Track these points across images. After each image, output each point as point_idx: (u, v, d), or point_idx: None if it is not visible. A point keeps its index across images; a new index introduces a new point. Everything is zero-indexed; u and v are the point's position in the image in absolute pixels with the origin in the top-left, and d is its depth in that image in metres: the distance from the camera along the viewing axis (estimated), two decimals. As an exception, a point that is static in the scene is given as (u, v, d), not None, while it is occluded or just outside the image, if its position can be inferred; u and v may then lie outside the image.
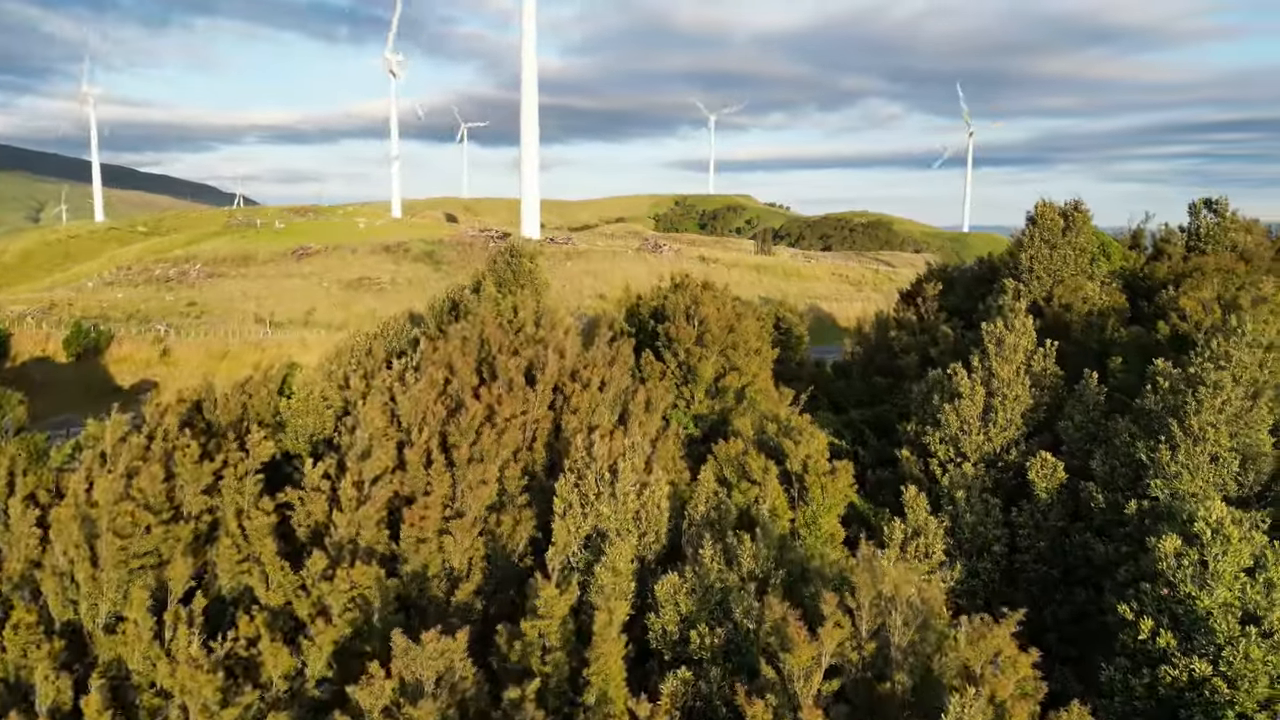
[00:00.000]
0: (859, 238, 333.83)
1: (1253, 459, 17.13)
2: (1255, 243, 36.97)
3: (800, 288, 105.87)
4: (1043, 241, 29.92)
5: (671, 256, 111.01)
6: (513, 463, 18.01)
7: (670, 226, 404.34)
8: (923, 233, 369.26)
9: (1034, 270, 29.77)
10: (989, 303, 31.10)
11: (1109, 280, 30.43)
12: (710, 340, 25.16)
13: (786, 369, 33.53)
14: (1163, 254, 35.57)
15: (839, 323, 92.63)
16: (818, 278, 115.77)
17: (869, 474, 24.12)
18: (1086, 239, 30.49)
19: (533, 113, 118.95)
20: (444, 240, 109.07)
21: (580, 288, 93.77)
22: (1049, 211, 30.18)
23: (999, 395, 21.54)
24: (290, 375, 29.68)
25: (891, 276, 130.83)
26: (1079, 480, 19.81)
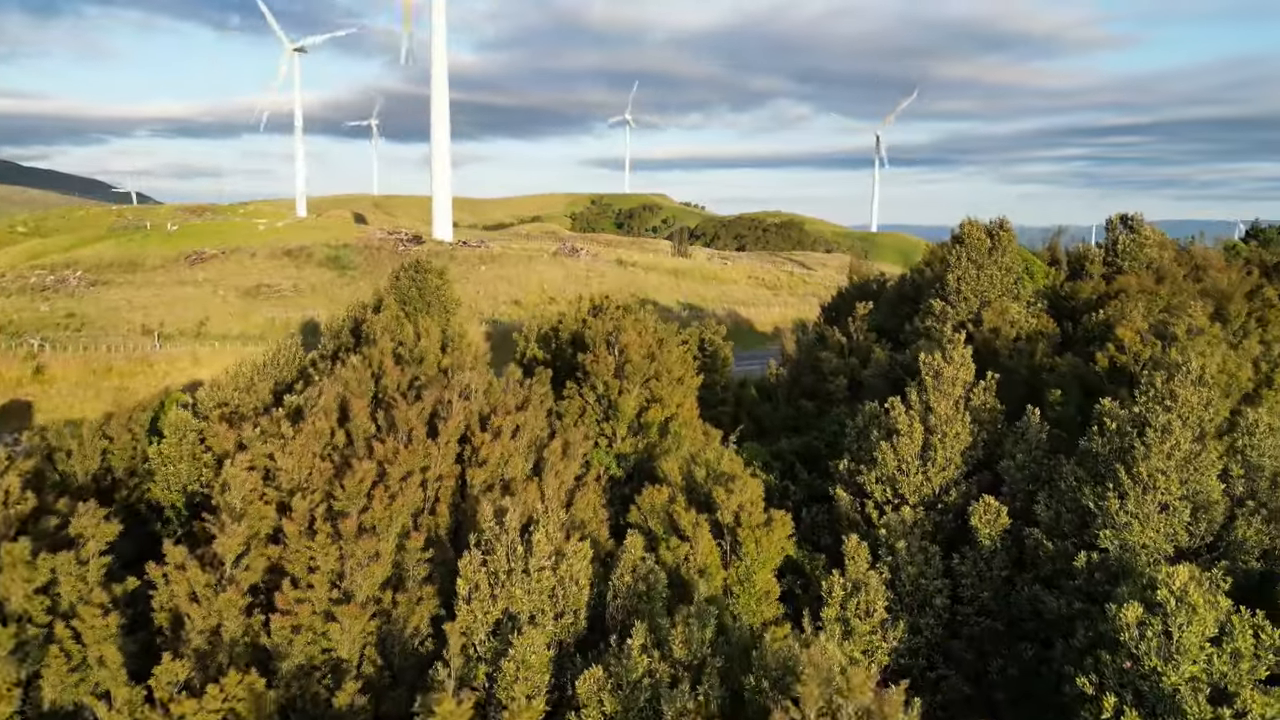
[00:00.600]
0: (772, 238, 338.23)
1: (1204, 507, 16.28)
2: (1169, 258, 37.28)
3: (718, 292, 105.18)
4: (970, 261, 29.17)
5: (589, 260, 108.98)
6: (413, 530, 15.84)
7: (587, 226, 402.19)
8: (833, 232, 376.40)
9: (961, 291, 28.99)
10: (916, 324, 30.22)
11: (1035, 300, 29.90)
12: (632, 371, 23.37)
13: (711, 393, 32.02)
14: (1083, 271, 35.45)
15: (757, 327, 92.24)
16: (735, 281, 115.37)
17: (802, 513, 22.71)
18: (1012, 258, 29.89)
19: (443, 112, 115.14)
20: (351, 244, 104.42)
21: (494, 293, 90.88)
22: (975, 231, 29.45)
23: (938, 433, 20.37)
24: (164, 411, 26.55)
25: (806, 279, 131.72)
26: (1023, 524, 18.76)
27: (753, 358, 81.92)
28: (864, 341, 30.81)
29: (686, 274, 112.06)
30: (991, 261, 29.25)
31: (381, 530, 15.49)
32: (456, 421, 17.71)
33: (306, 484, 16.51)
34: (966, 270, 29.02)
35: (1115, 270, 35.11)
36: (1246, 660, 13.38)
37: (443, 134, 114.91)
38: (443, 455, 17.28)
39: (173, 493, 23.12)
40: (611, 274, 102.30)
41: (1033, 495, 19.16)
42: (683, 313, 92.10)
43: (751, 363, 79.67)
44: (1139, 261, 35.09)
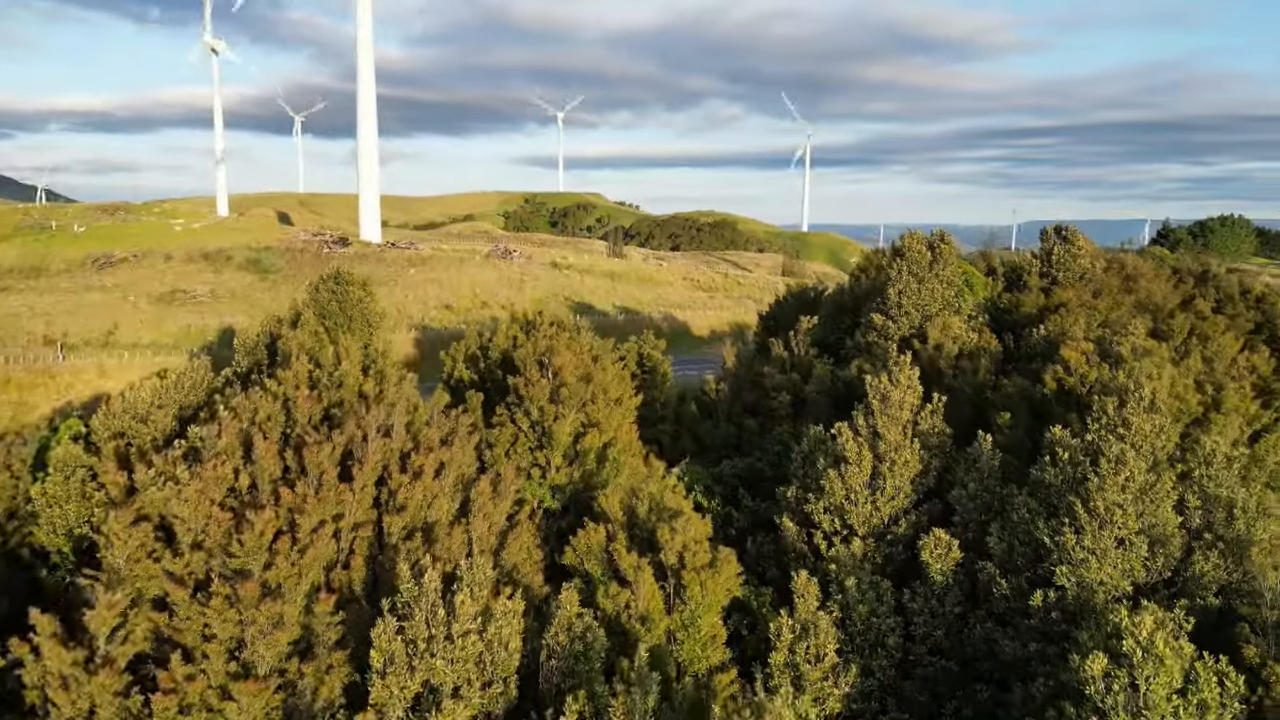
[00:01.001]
0: (706, 237, 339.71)
1: (1161, 542, 15.73)
2: (1101, 269, 37.49)
3: (654, 295, 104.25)
4: (910, 275, 28.60)
5: (522, 262, 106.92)
6: (323, 590, 14.26)
7: (520, 225, 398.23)
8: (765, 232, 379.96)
9: (902, 305, 28.40)
10: (858, 338, 29.56)
11: (975, 314, 29.51)
12: (567, 396, 22.03)
13: (650, 410, 30.89)
14: (1020, 281, 35.34)
15: (693, 331, 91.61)
16: (670, 284, 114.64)
17: (747, 543, 21.72)
18: (952, 271, 29.45)
19: (370, 108, 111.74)
20: (273, 246, 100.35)
21: (424, 297, 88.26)
22: (915, 243, 28.91)
23: (887, 460, 19.57)
24: (54, 442, 24.15)
25: (740, 281, 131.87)
26: (975, 557, 18.04)
27: (690, 362, 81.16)
28: (806, 356, 30.03)
29: (622, 276, 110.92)
30: (932, 275, 28.74)
31: (288, 590, 13.88)
32: (373, 463, 16.14)
33: (203, 536, 14.77)
34: (908, 284, 28.45)
35: (1051, 281, 35.09)
36: (1213, 711, 12.77)
37: (369, 131, 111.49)
38: (358, 501, 15.71)
39: (59, 536, 20.95)
40: (546, 277, 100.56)
41: (985, 526, 18.48)
42: (619, 317, 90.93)
43: (689, 368, 78.82)
44: (1073, 272, 35.15)
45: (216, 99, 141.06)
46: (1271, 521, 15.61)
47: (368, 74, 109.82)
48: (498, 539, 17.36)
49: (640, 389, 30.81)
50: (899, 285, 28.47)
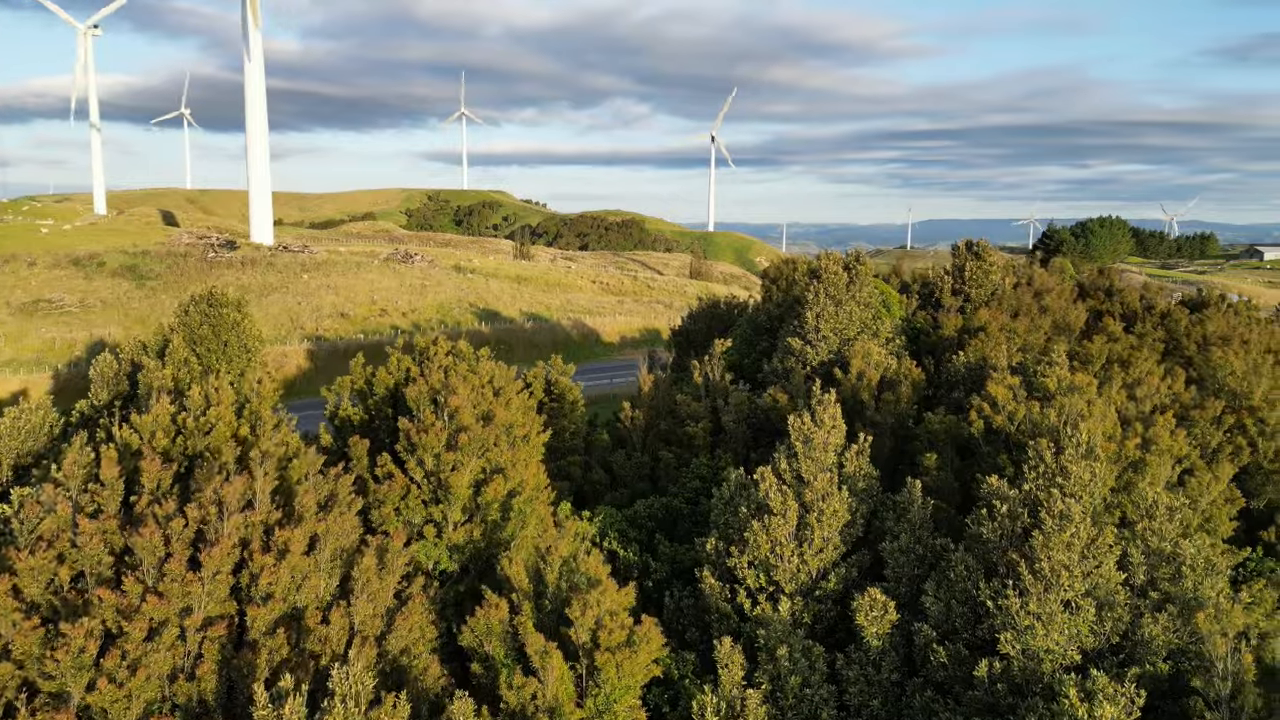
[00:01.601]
0: (615, 237, 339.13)
1: (1108, 604, 14.71)
2: (1011, 284, 37.36)
3: (563, 300, 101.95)
4: (828, 298, 27.44)
5: (424, 266, 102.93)
6: (158, 714, 11.80)
7: (424, 223, 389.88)
8: (673, 231, 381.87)
9: (820, 330, 27.22)
10: (775, 363, 28.25)
11: (894, 336, 28.58)
12: (466, 442, 19.82)
13: (560, 440, 28.89)
14: (934, 299, 34.80)
15: (604, 338, 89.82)
16: (579, 288, 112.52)
17: (665, 598, 20.00)
18: (869, 292, 28.45)
19: (259, 101, 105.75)
20: (152, 250, 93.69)
21: (319, 305, 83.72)
22: (832, 265, 27.77)
23: (814, 510, 18.13)
24: None
25: (650, 285, 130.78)
26: (910, 617, 16.77)
27: (602, 371, 79.33)
28: (722, 382, 28.55)
29: (529, 280, 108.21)
30: (849, 297, 27.67)
31: (115, 717, 11.38)
32: (225, 547, 13.66)
33: (13, 646, 12.10)
34: (825, 307, 27.28)
35: (965, 299, 34.68)
36: (1178, 806, 11.65)
37: (259, 126, 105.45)
38: (209, 592, 13.24)
39: None
40: (449, 282, 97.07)
41: (918, 581, 17.24)
42: (526, 324, 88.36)
43: (600, 377, 77.02)
44: (985, 289, 34.83)
45: (91, 87, 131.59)
46: (1219, 577, 14.78)
47: (256, 65, 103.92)
48: (384, 621, 15.13)
49: (549, 420, 28.79)
50: (816, 308, 27.28)
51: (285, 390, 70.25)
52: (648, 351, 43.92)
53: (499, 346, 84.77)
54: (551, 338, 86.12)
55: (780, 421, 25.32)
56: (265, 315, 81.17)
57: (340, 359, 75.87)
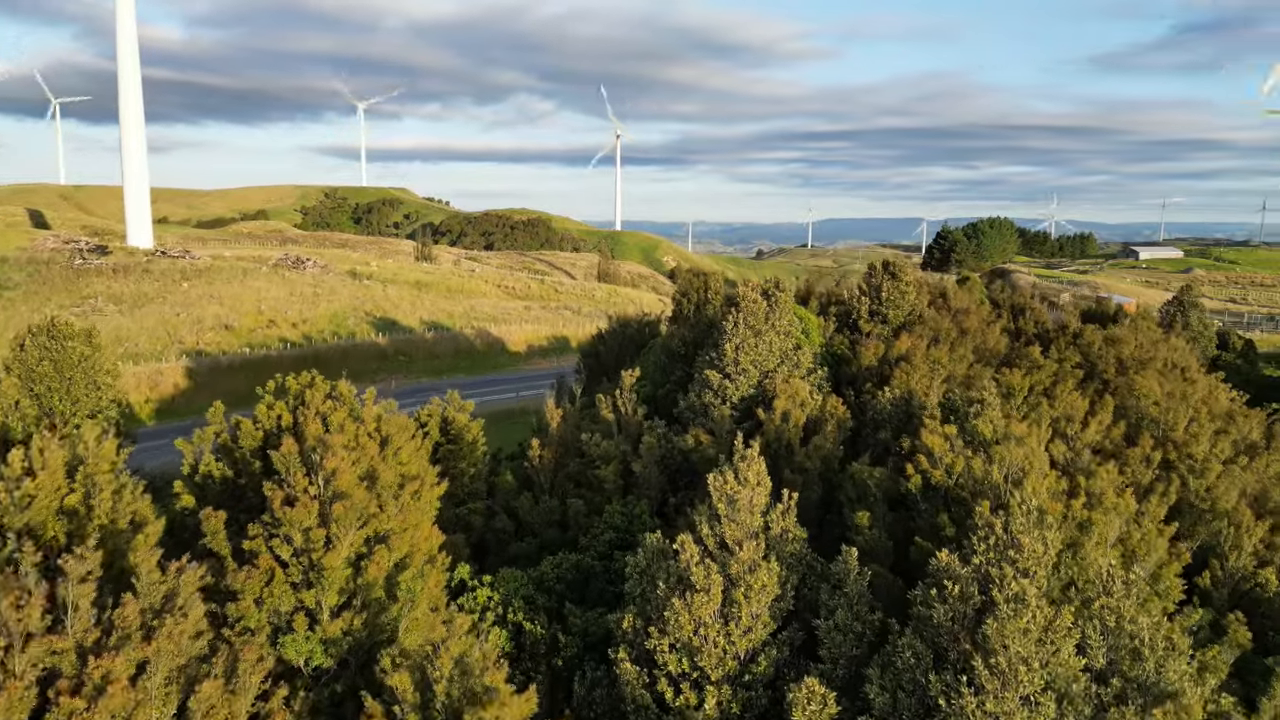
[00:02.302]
0: (520, 235, 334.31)
1: (1069, 697, 13.27)
2: (925, 301, 36.60)
3: (466, 307, 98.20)
4: (747, 328, 25.72)
5: (317, 272, 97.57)
6: None
7: (320, 222, 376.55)
8: (580, 230, 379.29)
9: (739, 362, 25.47)
10: (691, 398, 26.37)
11: (816, 366, 27.09)
12: (342, 514, 17.15)
13: (460, 487, 26.31)
14: (853, 321, 33.64)
15: (510, 347, 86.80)
16: (483, 294, 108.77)
17: (575, 681, 17.80)
18: (789, 320, 26.89)
19: (135, 94, 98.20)
20: (11, 256, 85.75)
21: (200, 316, 77.98)
22: (751, 294, 26.07)
23: (741, 584, 16.24)
24: None
25: (557, 289, 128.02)
26: (851, 706, 15.04)
27: (507, 383, 76.32)
28: (634, 418, 26.51)
29: (430, 286, 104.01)
30: (769, 326, 26.02)
31: None
32: (22, 686, 10.78)
33: None
34: (745, 339, 25.55)
35: (882, 320, 33.64)
36: None
37: (134, 116, 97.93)
38: (-7, 759, 10.36)
39: None
40: (344, 290, 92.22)
41: (858, 663, 15.55)
42: (426, 333, 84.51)
43: (505, 389, 74.02)
44: (902, 309, 33.88)
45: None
46: (1180, 658, 13.54)
47: (129, 51, 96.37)
48: (235, 759, 12.45)
49: (446, 465, 26.18)
50: (735, 339, 25.53)
51: (161, 411, 64.83)
52: (555, 380, 41.59)
53: (398, 359, 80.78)
54: (454, 348, 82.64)
55: (703, 464, 23.47)
56: (140, 328, 75.07)
57: (224, 375, 70.65)
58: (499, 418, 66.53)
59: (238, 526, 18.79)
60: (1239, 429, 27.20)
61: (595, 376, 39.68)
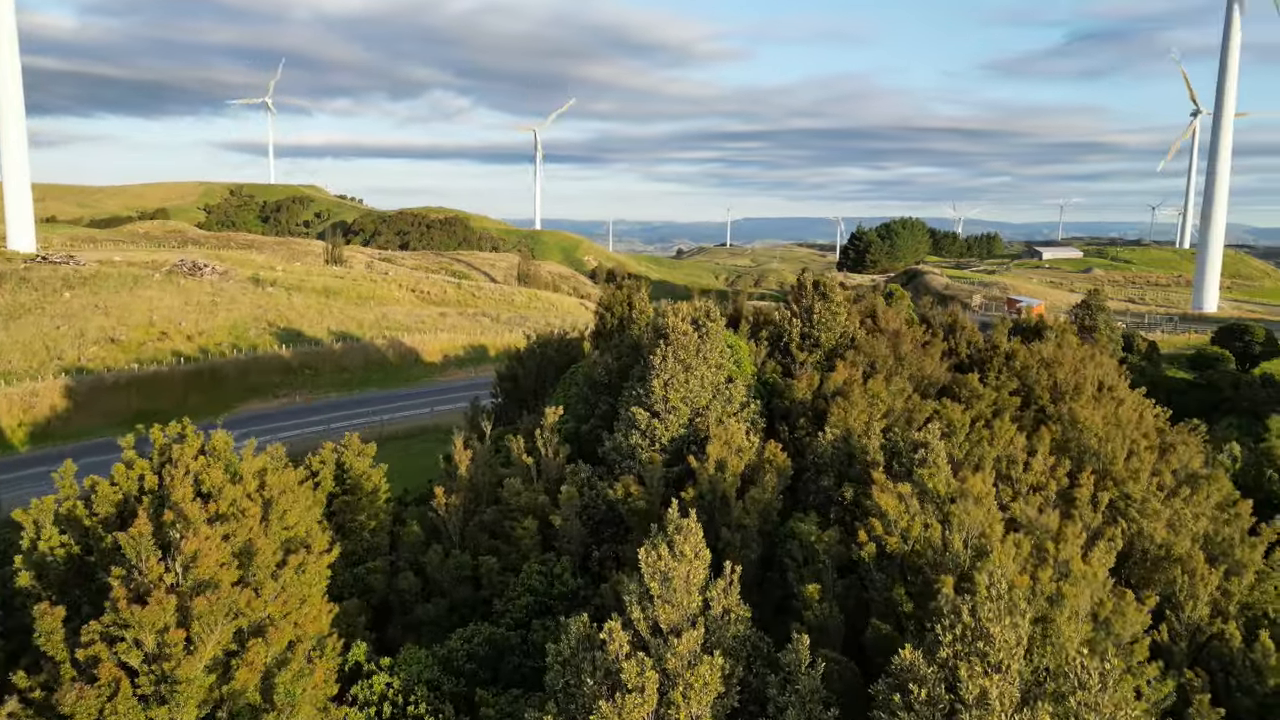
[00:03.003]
0: (437, 235, 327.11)
1: (1051, 817, 11.64)
2: (856, 321, 35.31)
3: (377, 315, 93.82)
4: (676, 362, 23.72)
5: (215, 279, 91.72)
6: None
7: (225, 221, 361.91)
8: (499, 229, 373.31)
9: (669, 400, 23.46)
10: (618, 439, 24.22)
11: (749, 400, 25.27)
12: (203, 609, 14.41)
13: (359, 543, 23.60)
14: (784, 345, 32.05)
15: (425, 357, 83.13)
16: (396, 300, 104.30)
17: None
18: (721, 351, 25.01)
19: (15, 83, 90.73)
20: None
21: (84, 329, 72.02)
22: (680, 324, 24.08)
23: (679, 683, 14.18)
24: None
25: (475, 293, 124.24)
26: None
27: (421, 397, 72.83)
28: (555, 460, 24.23)
29: (339, 293, 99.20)
30: (700, 359, 24.09)
31: None
32: None
33: None
34: (674, 374, 23.54)
35: (814, 344, 32.16)
36: None
37: (13, 108, 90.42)
38: None
39: None
40: (245, 299, 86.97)
41: (812, 769, 13.66)
42: (335, 345, 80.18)
43: (419, 404, 70.51)
44: (834, 332, 32.48)
45: None
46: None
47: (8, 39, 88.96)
48: None
49: (342, 521, 23.47)
50: (664, 375, 23.50)
51: (36, 435, 59.34)
52: (469, 409, 38.94)
53: (303, 372, 76.34)
54: (364, 360, 78.56)
55: (632, 517, 21.38)
56: (13, 343, 68.92)
57: (107, 394, 65.23)
58: (412, 436, 63.18)
59: (85, 618, 15.87)
60: (1179, 457, 26.54)
61: (513, 401, 37.18)
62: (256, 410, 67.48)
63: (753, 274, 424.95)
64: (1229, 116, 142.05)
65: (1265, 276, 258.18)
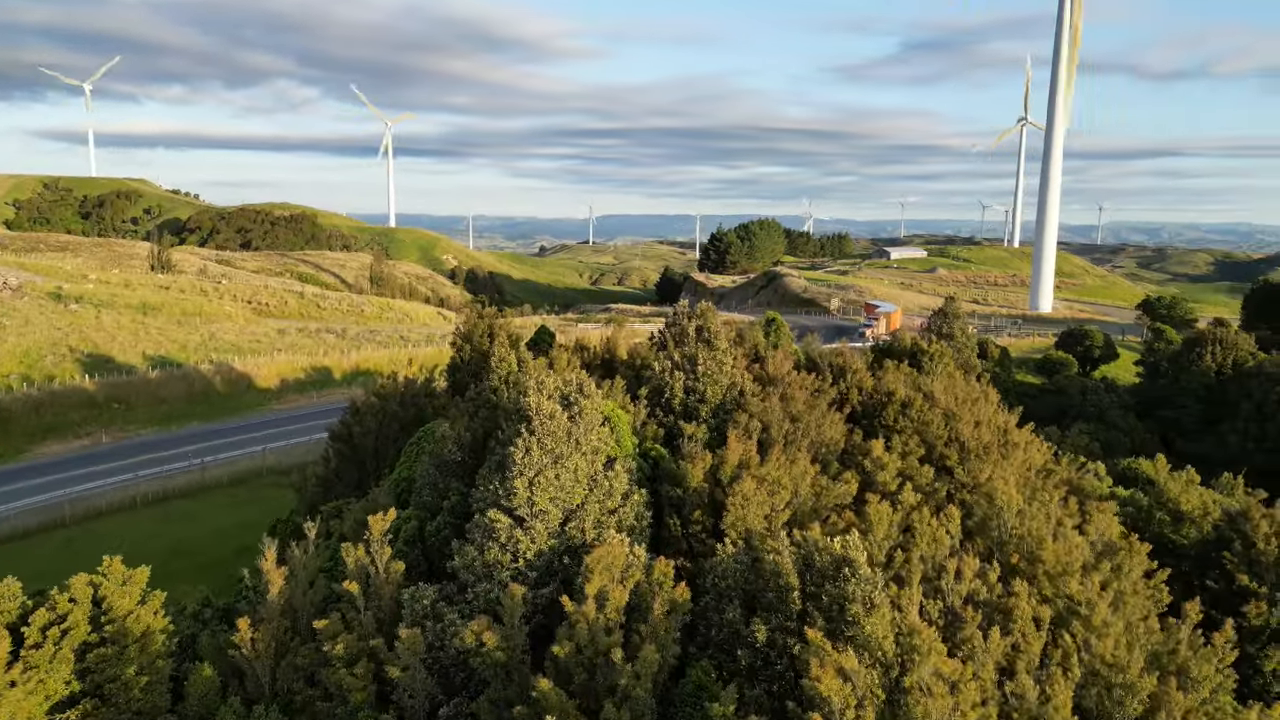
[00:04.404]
0: (283, 233, 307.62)
1: None
2: (742, 368, 31.92)
3: (205, 334, 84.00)
4: (544, 454, 19.27)
5: (7, 296, 79.49)
6: None
7: (39, 218, 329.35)
8: (351, 226, 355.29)
9: (535, 502, 18.98)
10: (470, 553, 19.47)
11: (631, 488, 21.07)
12: None
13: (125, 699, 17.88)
14: (666, 402, 28.15)
15: (258, 383, 74.78)
16: (228, 315, 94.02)
17: None
18: (597, 435, 20.72)
19: None
20: None
21: None
22: (547, 406, 19.61)
23: None
24: None
25: (320, 303, 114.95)
26: None
27: (250, 431, 64.84)
28: (390, 579, 19.27)
29: (160, 309, 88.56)
30: (572, 446, 19.72)
31: None
32: None
33: None
34: (542, 469, 19.07)
35: (699, 399, 28.45)
36: None
37: None
38: None
39: None
40: (42, 319, 75.84)
41: None
42: (152, 373, 70.64)
43: (248, 442, 62.39)
44: (720, 384, 28.90)
45: None
46: None
47: None
48: None
49: (97, 682, 17.70)
50: (528, 472, 18.96)
51: None
52: (297, 480, 33.02)
53: (112, 407, 66.68)
54: (187, 389, 69.53)
55: (487, 670, 16.77)
56: None
57: None
58: (240, 482, 55.62)
59: None
60: (1096, 526, 24.40)
61: (347, 469, 31.58)
62: (52, 455, 58.04)
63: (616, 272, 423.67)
64: (1059, 131, 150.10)
65: (1085, 273, 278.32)
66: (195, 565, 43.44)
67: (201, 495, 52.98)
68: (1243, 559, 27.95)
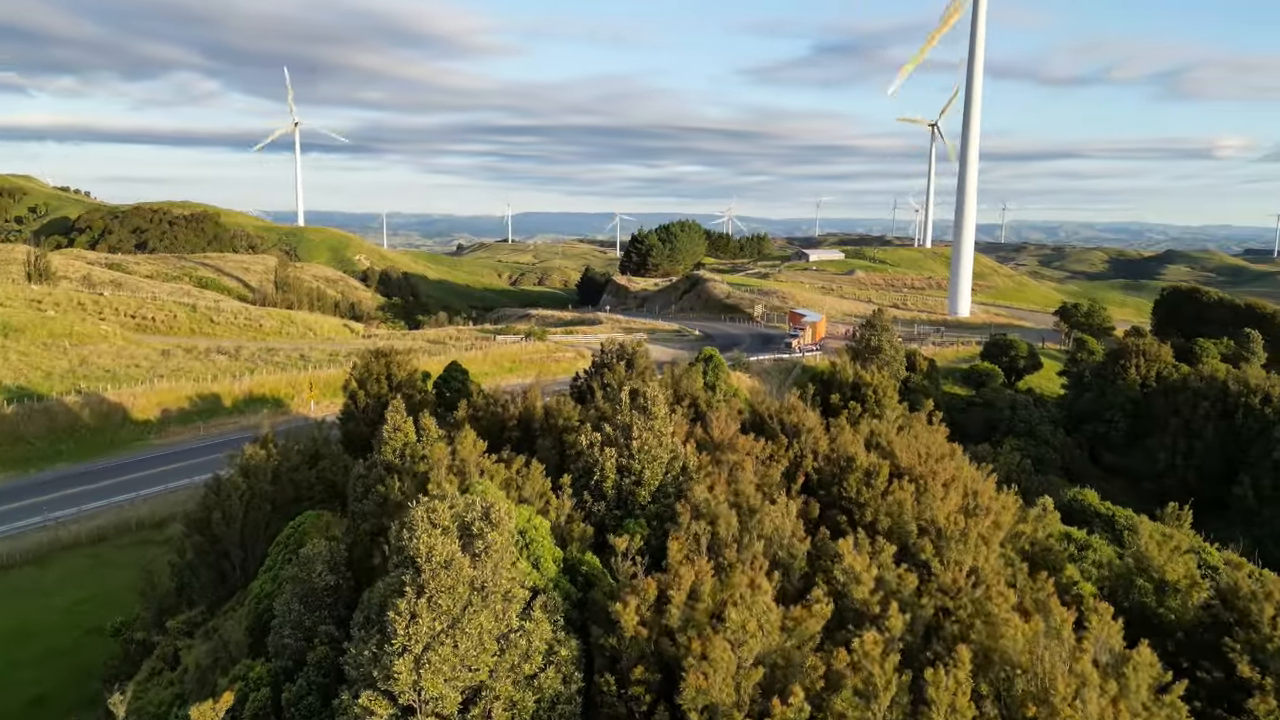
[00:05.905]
0: (182, 233, 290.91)
1: None
2: (683, 435, 27.56)
3: (76, 359, 75.25)
4: (434, 616, 14.38)
5: None
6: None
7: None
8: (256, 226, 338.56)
9: (423, 689, 14.07)
10: (362, 705, 14.39)
11: (555, 642, 16.33)
12: None
13: None
14: (594, 485, 23.49)
15: (134, 414, 66.94)
16: (104, 336, 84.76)
17: None
18: (510, 576, 15.90)
19: None
20: None
21: None
22: (442, 548, 14.70)
23: None
24: None
25: (213, 317, 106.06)
26: None
27: (121, 473, 57.34)
28: None
29: (24, 331, 79.23)
30: (478, 599, 14.89)
31: None
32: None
33: None
34: (435, 639, 14.19)
35: (635, 480, 23.90)
36: None
37: None
38: None
39: None
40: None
41: None
42: (8, 407, 62.16)
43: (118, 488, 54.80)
44: (660, 463, 24.45)
45: None
46: None
47: None
48: None
49: None
50: (415, 647, 14.06)
51: None
52: (144, 592, 27.28)
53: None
54: (49, 425, 61.33)
55: None
56: None
57: None
58: (105, 538, 48.44)
59: None
60: (1093, 636, 20.90)
61: (205, 567, 25.83)
62: None
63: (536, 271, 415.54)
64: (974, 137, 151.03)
65: (994, 273, 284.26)
66: (40, 652, 36.82)
67: (55, 559, 45.81)
68: (1245, 646, 24.97)
